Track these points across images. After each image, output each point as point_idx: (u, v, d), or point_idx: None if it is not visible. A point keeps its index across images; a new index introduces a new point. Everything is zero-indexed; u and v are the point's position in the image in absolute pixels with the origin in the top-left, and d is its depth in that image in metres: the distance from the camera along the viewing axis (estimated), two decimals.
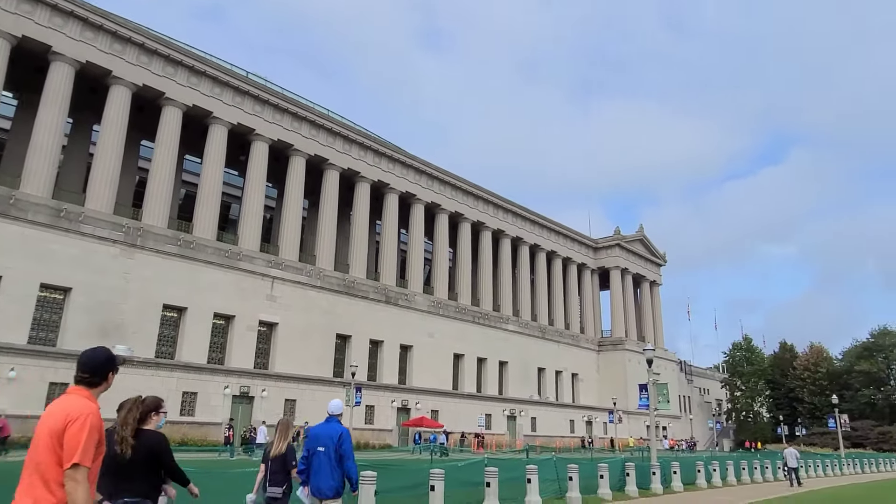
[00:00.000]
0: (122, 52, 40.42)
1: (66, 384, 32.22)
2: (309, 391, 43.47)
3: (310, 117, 50.70)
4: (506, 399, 61.21)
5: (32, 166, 36.16)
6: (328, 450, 7.33)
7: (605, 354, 78.32)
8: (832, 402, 58.61)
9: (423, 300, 56.54)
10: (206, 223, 43.50)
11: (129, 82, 40.64)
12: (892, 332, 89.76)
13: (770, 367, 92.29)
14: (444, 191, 62.12)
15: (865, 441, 76.04)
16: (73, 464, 3.20)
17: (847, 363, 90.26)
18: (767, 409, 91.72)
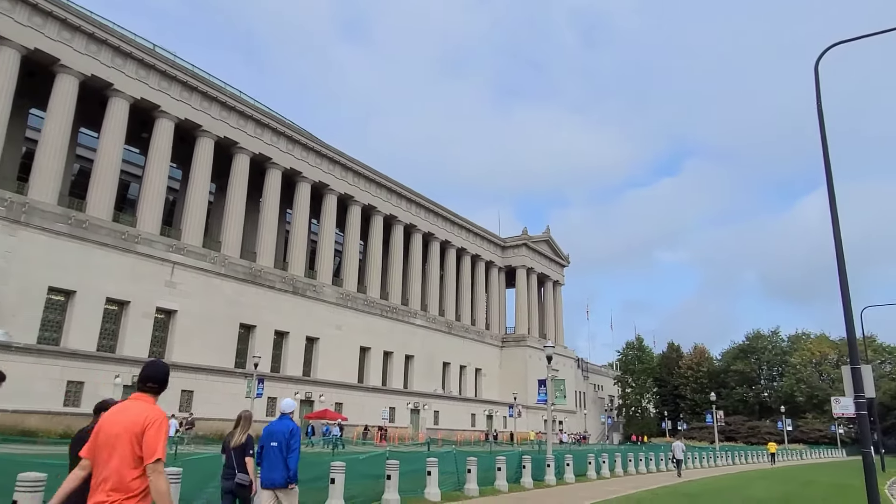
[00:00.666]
0: (11, 11, 37.14)
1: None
2: (207, 382, 41.97)
3: (221, 98, 48.79)
4: (410, 392, 61.76)
5: None
6: (280, 444, 7.99)
7: (507, 350, 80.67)
8: (710, 399, 63.51)
9: (332, 292, 55.96)
10: (102, 202, 40.89)
11: (18, 45, 37.41)
12: (765, 336, 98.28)
13: (658, 366, 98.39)
14: (357, 182, 61.65)
15: (737, 435, 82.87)
16: (155, 459, 3.89)
17: (725, 363, 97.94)
18: (654, 406, 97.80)
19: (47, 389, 33.33)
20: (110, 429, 4.04)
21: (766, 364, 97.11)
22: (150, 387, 4.25)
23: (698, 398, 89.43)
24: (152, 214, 43.69)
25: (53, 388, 33.78)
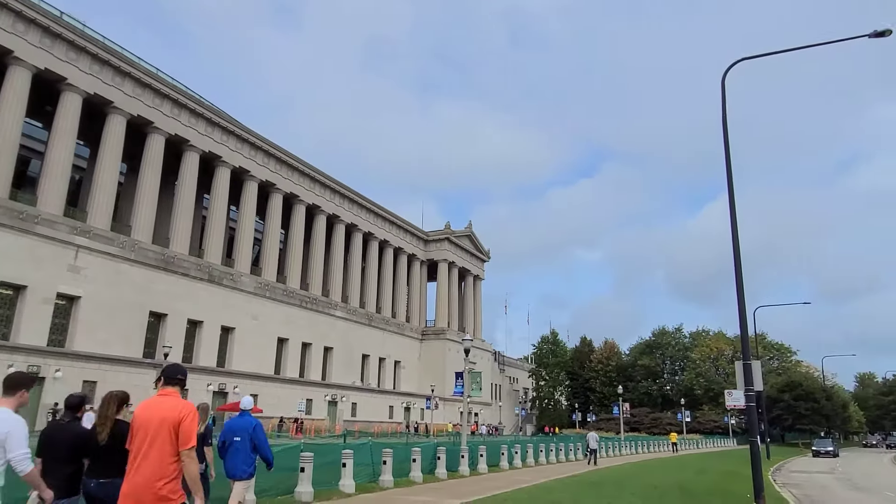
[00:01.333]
0: None
1: None
2: (112, 372, 39.93)
3: (135, 74, 46.31)
4: (328, 384, 61.19)
5: None
6: (243, 439, 8.61)
7: (427, 343, 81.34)
8: (618, 392, 66.65)
9: (250, 281, 54.51)
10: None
11: None
12: (669, 333, 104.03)
13: (571, 360, 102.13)
14: (279, 169, 60.24)
15: (641, 426, 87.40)
16: (190, 446, 4.61)
17: (632, 358, 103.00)
18: (566, 398, 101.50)
19: None
20: (148, 420, 4.69)
21: (669, 359, 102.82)
22: (179, 379, 4.96)
23: (607, 391, 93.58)
24: (55, 194, 40.98)
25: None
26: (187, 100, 50.67)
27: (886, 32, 15.99)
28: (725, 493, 18.99)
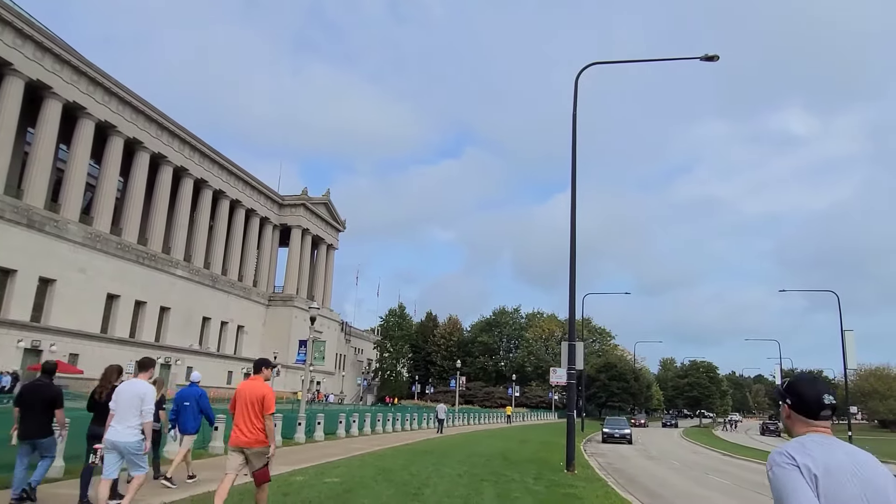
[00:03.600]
0: None
1: None
2: None
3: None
4: (163, 346, 57.76)
5: None
6: (192, 404, 11.81)
7: (273, 309, 79.39)
8: (456, 366, 70.07)
9: (79, 230, 49.60)
10: None
11: None
12: (508, 313, 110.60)
13: (416, 334, 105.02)
14: (122, 111, 55.03)
15: (475, 399, 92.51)
16: (271, 413, 7.53)
17: (473, 334, 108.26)
18: (407, 370, 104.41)
19: None
20: (248, 394, 7.59)
21: (506, 337, 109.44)
22: (262, 370, 7.95)
23: (447, 364, 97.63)
24: None
25: None
26: (14, 17, 44.44)
27: (714, 58, 18.54)
28: (543, 461, 21.12)
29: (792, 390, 2.42)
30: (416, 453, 21.29)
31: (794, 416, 2.40)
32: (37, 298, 45.68)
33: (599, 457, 28.00)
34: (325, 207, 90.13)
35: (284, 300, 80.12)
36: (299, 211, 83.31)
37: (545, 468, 18.49)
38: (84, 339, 48.15)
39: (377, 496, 11.21)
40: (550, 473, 17.04)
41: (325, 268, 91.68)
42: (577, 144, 19.28)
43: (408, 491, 12.04)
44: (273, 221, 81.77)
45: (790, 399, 2.41)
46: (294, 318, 78.40)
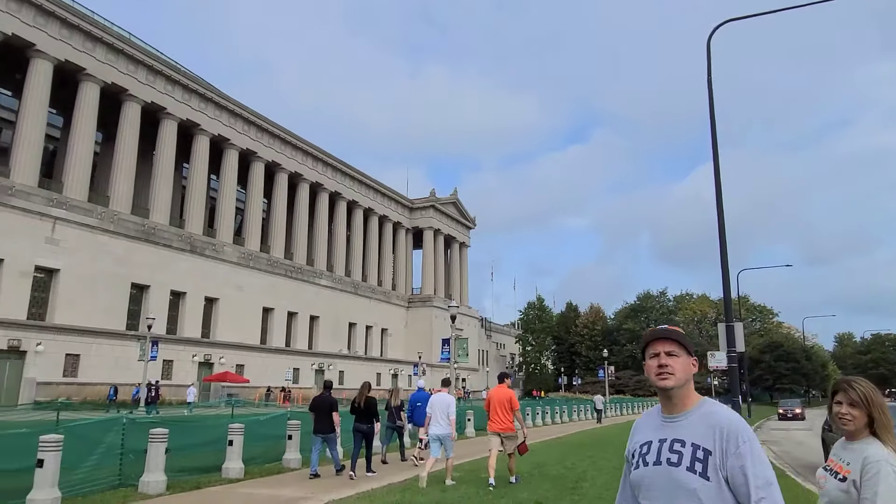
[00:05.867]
0: None
1: None
2: (95, 345, 39.62)
3: (107, 39, 44.84)
4: (315, 353, 61.27)
5: None
6: (423, 404, 14.34)
7: (413, 311, 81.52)
8: (603, 355, 67.46)
9: (233, 251, 53.95)
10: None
11: None
12: (653, 297, 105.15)
13: (557, 325, 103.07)
14: (261, 138, 59.16)
15: (626, 388, 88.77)
16: (517, 408, 11.25)
17: (617, 322, 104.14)
18: (552, 362, 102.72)
19: None
20: (498, 397, 11.15)
21: (653, 322, 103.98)
22: (505, 379, 11.53)
23: (592, 355, 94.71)
24: (29, 164, 39.97)
25: None
26: (163, 66, 49.31)
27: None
28: None
29: None
30: (570, 446, 20.38)
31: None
32: (204, 316, 50.25)
33: (773, 444, 25.23)
34: (454, 206, 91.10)
35: (423, 301, 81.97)
36: (429, 213, 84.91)
37: None
38: (246, 350, 52.21)
39: (534, 490, 10.84)
40: None
41: (459, 266, 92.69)
42: (714, 111, 17.44)
43: (565, 485, 11.47)
44: (405, 225, 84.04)
45: None
46: (434, 318, 79.93)
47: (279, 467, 14.08)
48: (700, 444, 2.02)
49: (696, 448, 2.02)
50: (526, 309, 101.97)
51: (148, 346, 36.95)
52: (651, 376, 2.19)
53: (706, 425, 2.05)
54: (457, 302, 50.30)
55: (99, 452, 10.66)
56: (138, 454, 10.88)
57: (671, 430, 2.11)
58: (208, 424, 17.88)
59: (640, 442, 2.19)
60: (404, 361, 74.10)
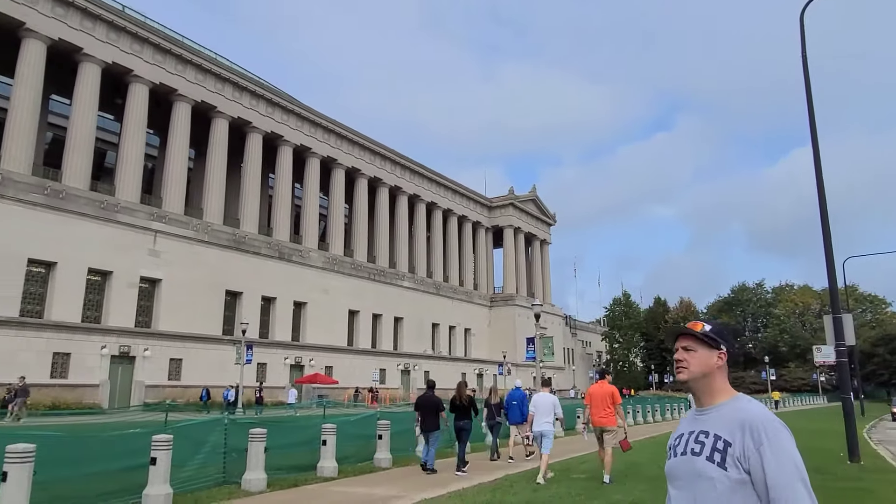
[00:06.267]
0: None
1: None
2: (195, 350, 41.92)
3: (196, 61, 47.42)
4: (400, 354, 62.22)
5: None
6: (518, 403, 15.82)
7: (496, 310, 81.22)
8: None
9: (318, 256, 55.67)
10: (78, 171, 39.97)
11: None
12: (749, 289, 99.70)
13: (645, 321, 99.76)
14: (340, 145, 60.77)
15: None
16: (619, 403, 11.64)
17: (710, 316, 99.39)
18: (641, 360, 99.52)
19: (33, 361, 33.08)
20: (600, 392, 11.53)
21: (750, 316, 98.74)
22: (605, 376, 12.49)
23: None
24: (131, 182, 42.85)
25: (39, 360, 33.55)
26: (247, 82, 51.62)
27: None
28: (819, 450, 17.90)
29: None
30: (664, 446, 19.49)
31: None
32: (294, 320, 52.13)
33: (890, 444, 23.15)
34: (534, 203, 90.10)
35: (505, 300, 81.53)
36: (508, 211, 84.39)
37: (823, 459, 15.57)
38: (334, 352, 53.71)
39: (628, 492, 10.53)
40: (830, 465, 14.31)
41: (541, 263, 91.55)
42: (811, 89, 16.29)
43: (660, 486, 10.80)
44: (484, 224, 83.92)
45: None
46: (517, 317, 79.32)
47: (370, 466, 14.27)
48: (722, 436, 2.06)
49: (717, 439, 2.07)
50: (612, 305, 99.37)
51: (243, 350, 38.71)
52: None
53: (733, 419, 2.08)
54: (540, 300, 49.66)
55: (204, 451, 11.22)
56: (240, 453, 11.34)
57: (700, 422, 2.19)
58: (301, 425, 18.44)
59: (675, 434, 2.29)
60: (488, 361, 73.97)
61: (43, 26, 38.57)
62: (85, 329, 36.62)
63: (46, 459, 8.02)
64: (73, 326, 36.02)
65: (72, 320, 36.49)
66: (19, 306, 34.77)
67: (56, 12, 39.35)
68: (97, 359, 36.37)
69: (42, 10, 38.61)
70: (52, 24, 39.00)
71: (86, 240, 37.71)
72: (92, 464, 9.89)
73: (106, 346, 36.73)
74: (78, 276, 37.58)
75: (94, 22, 41.30)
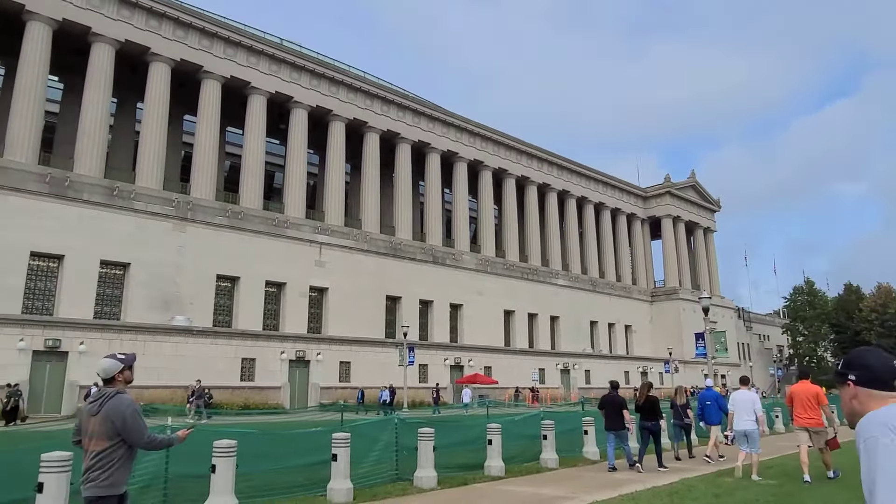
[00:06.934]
0: (159, 29, 40.72)
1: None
2: (362, 353, 44.26)
3: (346, 81, 50.30)
4: (559, 353, 61.07)
5: (83, 147, 37.16)
6: (712, 403, 15.59)
7: (658, 305, 76.96)
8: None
9: (471, 259, 56.40)
10: (252, 193, 44.08)
11: (167, 58, 41.01)
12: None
13: (834, 311, 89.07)
14: (486, 147, 61.19)
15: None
16: (826, 404, 11.34)
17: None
18: (832, 354, 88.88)
19: (225, 367, 36.95)
20: (803, 392, 11.35)
21: None
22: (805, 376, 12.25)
23: (887, 342, 79.73)
24: (297, 200, 46.39)
25: (230, 365, 37.34)
26: (393, 95, 53.78)
27: None
28: None
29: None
30: None
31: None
32: (451, 322, 53.24)
33: None
34: (693, 190, 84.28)
35: (668, 294, 76.97)
36: (665, 200, 79.70)
37: None
38: (492, 352, 54.00)
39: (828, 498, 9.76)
40: None
41: (705, 253, 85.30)
42: None
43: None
44: (640, 216, 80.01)
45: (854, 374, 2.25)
46: (681, 311, 74.54)
47: (537, 466, 14.12)
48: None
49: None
50: (792, 295, 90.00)
51: (405, 352, 40.14)
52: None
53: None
54: (707, 292, 46.16)
55: (378, 449, 11.71)
56: (410, 451, 11.72)
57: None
58: (466, 424, 18.57)
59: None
60: (652, 358, 70.24)
61: (218, 67, 43.13)
62: (266, 336, 40.19)
63: (245, 454, 8.78)
64: (256, 334, 39.70)
65: (255, 328, 40.25)
66: (212, 317, 39.03)
67: (227, 53, 43.82)
68: (277, 363, 39.70)
69: (216, 52, 43.21)
70: (224, 65, 43.50)
71: (262, 255, 41.46)
72: (282, 459, 10.87)
73: (284, 352, 39.98)
74: (257, 288, 41.43)
75: (258, 57, 45.39)
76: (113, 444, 4.73)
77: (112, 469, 4.71)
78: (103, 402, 4.80)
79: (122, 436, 4.75)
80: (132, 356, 5.06)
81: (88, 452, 4.75)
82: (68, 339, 31.96)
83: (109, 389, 4.87)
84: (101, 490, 4.65)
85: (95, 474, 4.67)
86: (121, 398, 4.81)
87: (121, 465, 4.78)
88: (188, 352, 35.71)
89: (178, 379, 32.92)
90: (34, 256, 33.59)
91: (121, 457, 4.78)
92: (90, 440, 4.75)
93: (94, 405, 4.81)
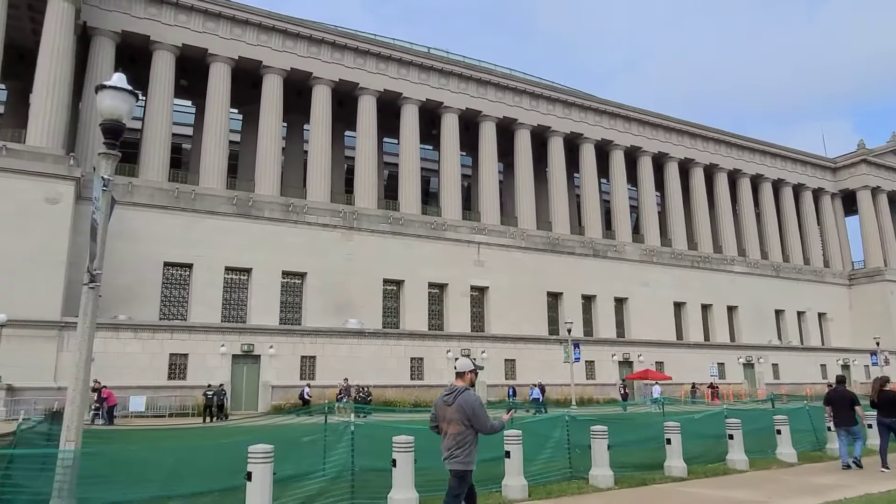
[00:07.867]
0: (318, 54, 43.94)
1: (314, 357, 36.43)
2: (526, 350, 44.02)
3: (494, 80, 50.51)
4: (739, 346, 56.09)
5: (262, 170, 41.16)
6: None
7: (858, 288, 67.73)
8: None
9: (634, 249, 53.79)
10: (410, 199, 45.81)
11: (327, 80, 44.12)
12: None
13: None
14: (643, 132, 58.07)
15: None
16: None
17: None
18: None
19: (396, 366, 38.74)
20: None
21: None
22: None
23: None
24: (453, 202, 47.40)
25: (400, 364, 39.04)
26: (542, 89, 53.02)
27: None
28: None
29: None
30: None
31: None
32: (616, 316, 51.15)
33: None
34: (894, 155, 73.20)
35: (870, 275, 67.43)
36: (860, 169, 70.03)
37: None
38: (662, 346, 50.94)
39: None
40: None
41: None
42: None
43: None
44: (829, 190, 71.11)
45: None
46: (889, 294, 64.96)
47: (723, 468, 13.14)
48: None
49: None
50: None
51: (570, 349, 39.20)
52: None
53: None
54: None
55: (550, 447, 11.71)
56: (583, 449, 11.62)
57: None
58: (639, 422, 17.62)
59: None
60: (854, 350, 61.99)
61: (371, 82, 45.62)
62: (432, 336, 41.50)
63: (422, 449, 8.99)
64: (422, 334, 41.15)
65: (421, 329, 41.74)
66: (381, 319, 41.14)
67: (379, 68, 46.12)
68: (444, 362, 40.75)
69: (369, 69, 45.68)
70: (377, 79, 45.90)
71: (423, 258, 42.94)
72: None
73: (450, 350, 40.93)
74: (421, 290, 43.00)
75: (408, 68, 47.18)
76: (466, 429, 6.11)
77: (468, 448, 6.09)
78: (456, 395, 6.21)
79: (471, 422, 6.10)
80: (481, 366, 6.83)
81: (447, 435, 6.15)
82: (260, 344, 35.46)
83: (459, 385, 6.30)
84: (463, 465, 6.05)
85: (457, 452, 6.07)
86: (469, 393, 6.25)
87: (472, 446, 6.16)
88: (362, 353, 37.96)
89: (354, 378, 35.04)
90: (228, 271, 37.81)
91: (472, 440, 6.15)
92: (448, 424, 6.16)
93: (449, 397, 6.22)
